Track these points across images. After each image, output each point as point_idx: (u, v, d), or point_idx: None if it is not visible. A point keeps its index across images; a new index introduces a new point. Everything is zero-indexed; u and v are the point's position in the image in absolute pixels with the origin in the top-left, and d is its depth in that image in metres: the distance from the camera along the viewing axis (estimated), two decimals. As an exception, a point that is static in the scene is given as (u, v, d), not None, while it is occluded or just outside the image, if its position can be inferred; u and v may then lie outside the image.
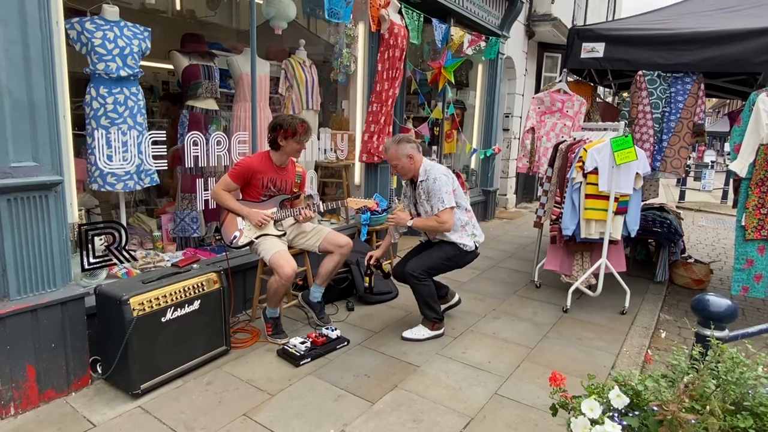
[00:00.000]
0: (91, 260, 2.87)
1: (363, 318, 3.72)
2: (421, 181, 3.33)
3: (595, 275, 4.05)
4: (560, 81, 4.55)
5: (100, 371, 2.72)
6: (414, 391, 2.74)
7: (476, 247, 3.45)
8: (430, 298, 3.40)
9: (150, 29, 3.26)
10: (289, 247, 3.40)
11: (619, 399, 1.50)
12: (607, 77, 5.46)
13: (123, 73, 3.06)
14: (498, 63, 7.30)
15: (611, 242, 3.90)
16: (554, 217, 4.16)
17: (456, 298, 3.83)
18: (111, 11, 3.06)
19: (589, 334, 3.58)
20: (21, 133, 2.33)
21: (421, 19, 5.17)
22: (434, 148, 6.90)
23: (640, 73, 4.09)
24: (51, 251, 2.50)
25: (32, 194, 2.39)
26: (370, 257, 3.55)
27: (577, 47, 4.20)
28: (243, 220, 3.23)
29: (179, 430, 2.35)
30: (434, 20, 5.45)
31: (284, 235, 3.31)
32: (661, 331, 3.68)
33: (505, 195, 9.06)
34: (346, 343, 3.25)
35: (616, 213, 3.79)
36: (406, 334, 3.41)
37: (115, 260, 2.98)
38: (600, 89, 6.25)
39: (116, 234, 2.98)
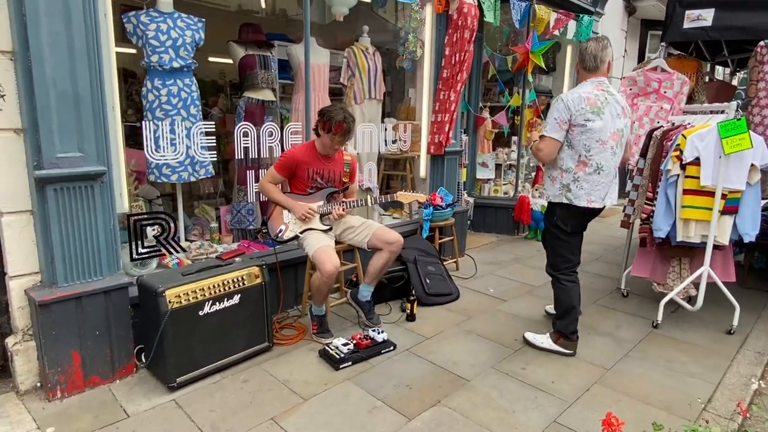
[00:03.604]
0: (140, 250, 2.91)
1: (416, 320, 3.45)
2: None
3: (696, 285, 3.42)
4: (656, 57, 3.89)
5: (144, 360, 2.74)
6: (458, 410, 2.43)
7: (572, 204, 2.78)
8: (561, 304, 2.99)
9: (204, 20, 3.25)
10: (338, 243, 3.24)
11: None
12: (722, 52, 4.63)
13: (176, 65, 3.07)
14: (590, 43, 6.56)
15: (716, 247, 3.26)
16: (645, 215, 3.57)
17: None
18: (165, 3, 3.08)
19: (683, 357, 3.01)
20: (66, 124, 2.37)
21: (498, -4, 4.74)
22: (514, 138, 6.40)
23: (761, 43, 3.35)
24: (97, 240, 2.55)
25: (78, 184, 2.43)
26: None
27: (678, 16, 3.56)
28: (289, 214, 3.11)
29: (205, 430, 2.27)
30: (512, -2, 4.98)
31: (330, 229, 3.14)
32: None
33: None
34: (392, 348, 3.01)
35: (723, 212, 3.14)
36: (528, 335, 3.15)
37: (164, 251, 3.01)
38: (716, 69, 5.35)
39: (165, 225, 3.00)
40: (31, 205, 2.46)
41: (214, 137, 3.23)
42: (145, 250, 2.93)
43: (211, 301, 2.66)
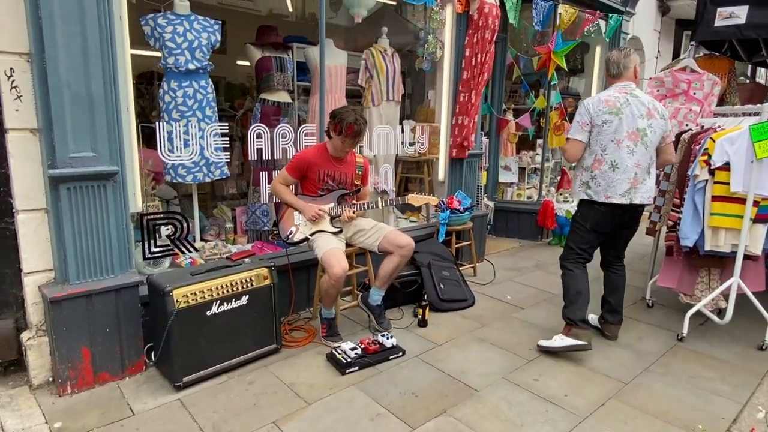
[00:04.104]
0: (153, 249, 2.95)
1: (428, 326, 3.38)
2: None
3: (726, 297, 3.23)
4: (685, 57, 3.72)
5: (153, 359, 2.77)
6: (464, 421, 2.35)
7: (591, 199, 2.90)
8: (569, 290, 3.02)
9: (221, 22, 3.27)
10: (349, 245, 3.21)
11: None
12: (760, 52, 4.38)
13: (191, 67, 3.10)
14: (619, 44, 6.35)
15: (748, 257, 3.07)
16: (671, 223, 3.41)
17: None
18: (181, 5, 3.12)
19: (709, 373, 2.84)
20: (80, 125, 2.41)
21: (521, -5, 4.63)
22: (539, 141, 6.24)
23: (801, 41, 3.16)
24: (109, 239, 2.58)
25: (90, 183, 2.48)
26: None
27: (709, 14, 3.39)
28: (300, 216, 3.10)
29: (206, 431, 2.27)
30: (536, -3, 4.86)
31: (340, 232, 3.11)
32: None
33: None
34: (400, 354, 2.95)
35: (756, 221, 2.96)
36: (542, 342, 3.04)
37: (176, 250, 3.04)
38: (758, 71, 5.07)
39: (178, 224, 3.03)
40: (45, 204, 2.52)
41: (228, 139, 3.24)
42: (157, 249, 2.97)
43: (218, 302, 2.66)
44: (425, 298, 3.40)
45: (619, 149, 2.80)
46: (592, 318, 3.39)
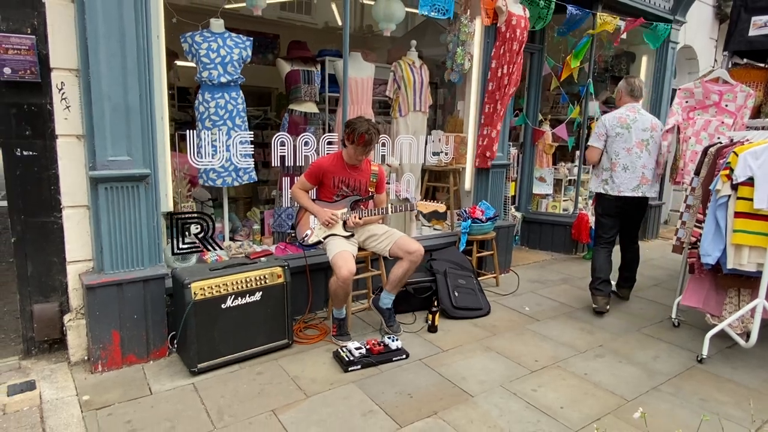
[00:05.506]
0: (181, 246, 3.22)
1: (438, 332, 3.44)
2: None
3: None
4: (717, 67, 3.57)
5: (176, 345, 3.02)
6: (452, 424, 2.41)
7: (607, 194, 3.77)
8: (592, 267, 3.89)
9: (252, 39, 3.53)
10: (361, 249, 3.35)
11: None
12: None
13: (223, 80, 3.36)
14: (667, 53, 6.12)
15: (774, 278, 2.92)
16: (694, 239, 3.29)
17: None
18: (216, 24, 3.39)
19: (723, 397, 2.72)
20: (117, 132, 2.71)
21: (552, 6, 4.61)
22: (578, 153, 6.12)
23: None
24: (140, 234, 2.87)
25: (125, 184, 2.77)
26: None
27: (743, 23, 3.27)
28: (315, 219, 3.27)
29: (212, 414, 2.46)
30: (570, 7, 4.81)
31: (352, 236, 3.25)
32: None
33: (678, 211, 7.53)
34: (403, 356, 3.04)
35: (781, 240, 2.82)
36: None
37: (202, 247, 3.30)
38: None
39: (205, 224, 3.29)
40: (87, 201, 2.84)
41: (253, 146, 3.49)
42: (185, 246, 3.24)
43: (233, 296, 2.88)
44: (435, 304, 3.47)
45: (629, 155, 3.67)
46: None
